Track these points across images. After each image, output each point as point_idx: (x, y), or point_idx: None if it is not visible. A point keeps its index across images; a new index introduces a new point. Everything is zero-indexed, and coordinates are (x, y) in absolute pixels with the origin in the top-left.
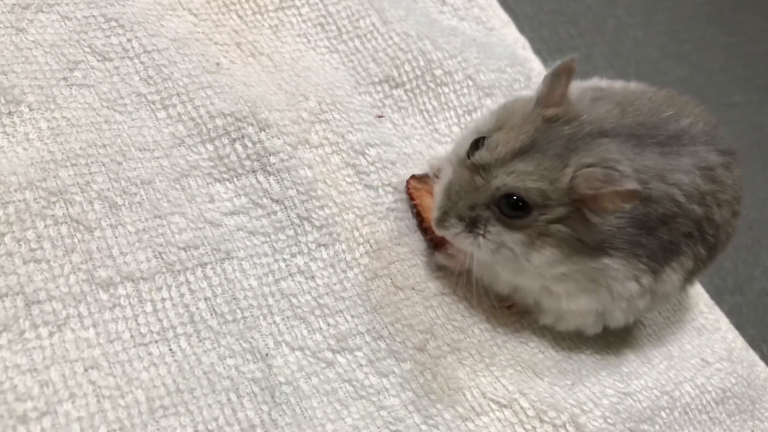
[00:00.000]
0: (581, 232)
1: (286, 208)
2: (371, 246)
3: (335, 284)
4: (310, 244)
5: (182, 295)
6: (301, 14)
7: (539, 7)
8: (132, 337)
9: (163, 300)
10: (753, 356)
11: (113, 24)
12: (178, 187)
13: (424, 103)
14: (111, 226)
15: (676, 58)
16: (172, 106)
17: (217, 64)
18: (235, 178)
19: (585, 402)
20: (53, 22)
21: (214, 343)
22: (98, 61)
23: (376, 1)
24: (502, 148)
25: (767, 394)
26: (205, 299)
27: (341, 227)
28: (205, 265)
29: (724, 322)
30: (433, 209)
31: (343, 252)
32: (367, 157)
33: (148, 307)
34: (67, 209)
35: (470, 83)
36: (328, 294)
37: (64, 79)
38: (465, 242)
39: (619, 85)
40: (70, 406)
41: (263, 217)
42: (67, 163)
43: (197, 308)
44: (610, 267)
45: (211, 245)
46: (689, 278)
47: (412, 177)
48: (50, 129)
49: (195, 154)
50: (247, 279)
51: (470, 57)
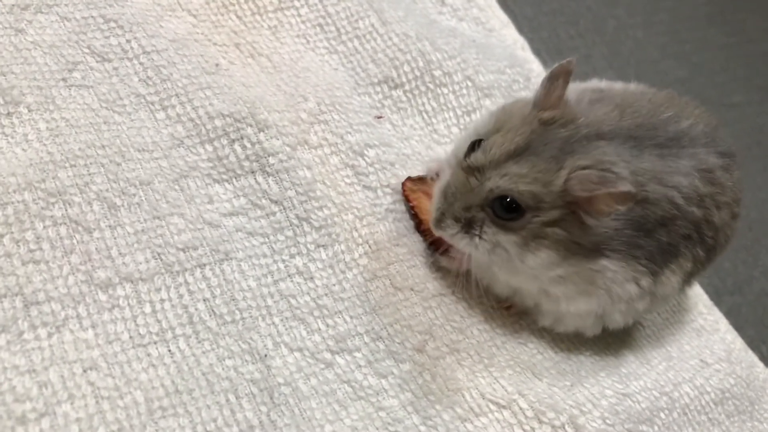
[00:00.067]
0: (577, 235)
1: (285, 208)
2: (370, 247)
3: (334, 285)
4: (309, 245)
5: (181, 296)
6: (300, 15)
7: (539, 7)
8: (131, 338)
9: (162, 301)
10: (752, 357)
11: (112, 25)
12: (177, 187)
13: (423, 104)
14: (110, 227)
15: (677, 59)
16: (171, 107)
17: (216, 65)
18: (234, 179)
19: (584, 403)
20: (52, 22)
21: (213, 344)
22: (97, 62)
23: (375, 2)
24: (496, 150)
25: (766, 395)
26: (204, 300)
27: (340, 228)
28: (204, 266)
29: (723, 323)
30: (431, 210)
31: (342, 253)
32: (366, 158)
33: (147, 308)
34: (66, 210)
35: (469, 84)
36: (327, 295)
37: (63, 80)
38: (461, 243)
39: (619, 87)
40: (69, 407)
41: (262, 218)
42: (66, 164)
43: (196, 309)
44: (608, 269)
45: (210, 246)
46: (688, 280)
47: (408, 179)
48: (49, 130)
49: (194, 155)
50: (246, 280)
51: (469, 58)
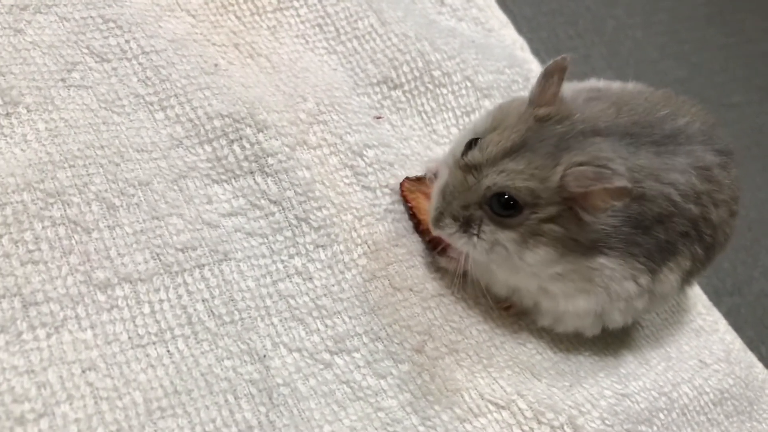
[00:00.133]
0: (574, 231)
1: (284, 209)
2: (369, 247)
3: (333, 285)
4: (308, 245)
5: (180, 297)
6: (299, 15)
7: (538, 8)
8: (130, 338)
9: (161, 301)
10: (751, 357)
11: (111, 25)
12: (176, 188)
13: (423, 104)
14: (109, 227)
15: (676, 59)
16: (170, 107)
17: (215, 65)
18: (233, 180)
19: (583, 403)
20: (51, 23)
21: (212, 345)
22: (96, 62)
23: (375, 2)
24: (492, 148)
25: (765, 396)
26: (203, 300)
27: (339, 228)
28: (203, 266)
29: (723, 324)
30: (430, 210)
31: (341, 253)
32: (365, 159)
33: (146, 309)
34: (65, 210)
35: (468, 84)
36: (326, 295)
37: (62, 80)
38: (460, 242)
39: (617, 86)
40: (68, 408)
41: (261, 219)
42: (65, 165)
43: (195, 309)
44: (606, 266)
45: (209, 246)
46: (687, 279)
47: (406, 179)
48: (48, 130)
49: (193, 156)
50: (244, 280)
51: (469, 58)
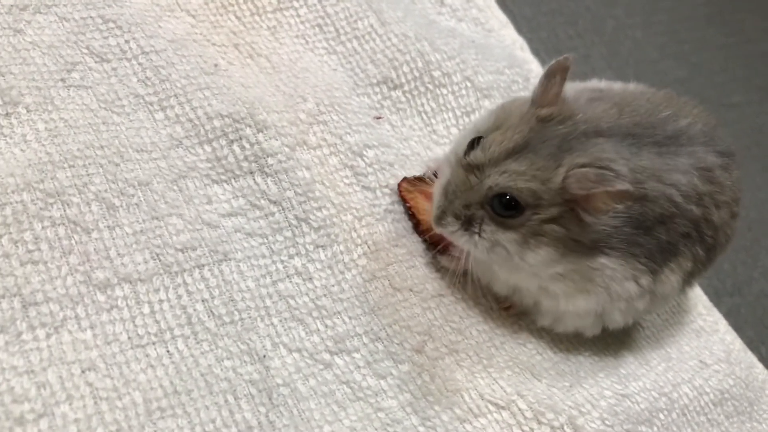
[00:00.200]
0: (575, 232)
1: (283, 209)
2: (369, 247)
3: (333, 286)
4: (307, 246)
5: (180, 297)
6: (299, 15)
7: (538, 8)
8: (129, 338)
9: (161, 302)
10: (751, 358)
11: (111, 25)
12: (175, 188)
13: (423, 105)
14: (108, 227)
15: (676, 59)
16: (169, 108)
17: (215, 66)
18: (233, 180)
19: (583, 404)
20: (51, 23)
21: (212, 345)
22: (96, 63)
23: (375, 3)
24: (495, 148)
25: (765, 396)
26: (203, 301)
27: (339, 228)
28: (203, 266)
29: (723, 324)
30: (432, 208)
31: (341, 253)
32: (365, 159)
33: (146, 309)
34: (65, 211)
35: (468, 84)
36: (326, 295)
37: (62, 80)
38: (461, 240)
39: (618, 86)
40: (68, 408)
41: (261, 219)
42: (65, 165)
43: (195, 310)
44: (607, 267)
45: (209, 247)
46: (688, 280)
47: (404, 179)
48: (48, 130)
49: (193, 156)
50: (244, 280)
51: (468, 58)
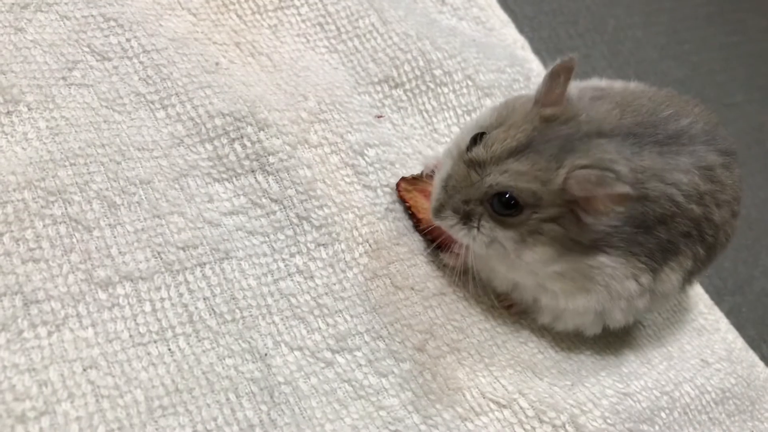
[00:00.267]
0: (574, 232)
1: (285, 207)
2: (370, 246)
3: (334, 284)
4: (309, 244)
5: (181, 295)
6: (300, 14)
7: (539, 7)
8: (131, 336)
9: (162, 300)
10: (753, 357)
11: (112, 24)
12: (177, 186)
13: (424, 103)
14: (110, 225)
15: (676, 58)
16: (171, 106)
17: (216, 64)
18: (234, 178)
19: (584, 402)
20: (52, 21)
21: (213, 343)
22: (97, 61)
23: (376, 1)
24: (497, 146)
25: (767, 395)
26: (204, 299)
27: (340, 227)
28: (204, 264)
29: (724, 323)
30: (431, 200)
31: (343, 252)
32: (366, 158)
33: (147, 307)
34: (66, 209)
35: (469, 83)
36: (327, 294)
37: (63, 78)
38: (460, 234)
39: (619, 85)
40: (69, 406)
41: (262, 217)
42: (66, 163)
43: (196, 308)
44: (607, 265)
45: (210, 245)
46: (688, 279)
47: (402, 179)
48: (49, 128)
49: (194, 154)
50: (246, 279)
51: (470, 57)
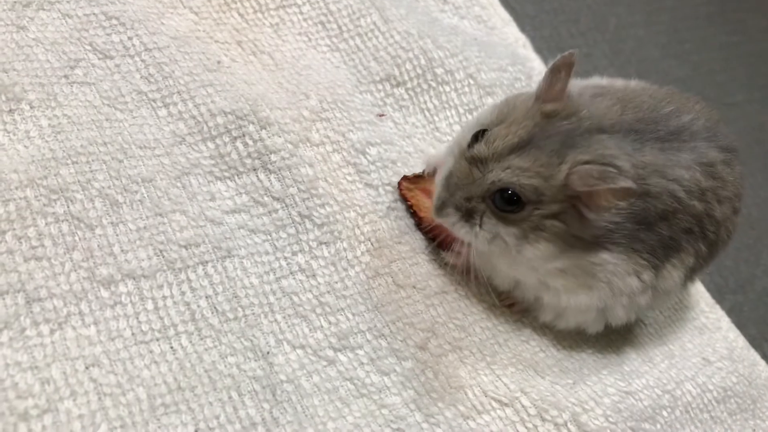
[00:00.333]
0: (577, 228)
1: (287, 206)
2: (372, 244)
3: (336, 282)
4: (311, 242)
5: (183, 293)
6: (302, 12)
7: (540, 6)
8: (133, 334)
9: (164, 298)
10: (754, 355)
11: (114, 22)
12: (179, 185)
13: (425, 102)
14: (112, 223)
15: (677, 58)
16: (173, 104)
17: (218, 63)
18: (236, 176)
19: (586, 401)
20: (54, 19)
21: (216, 341)
22: (99, 59)
23: (377, 0)
24: (499, 143)
25: None
26: (206, 297)
27: (342, 225)
28: (206, 263)
29: (726, 321)
30: (433, 197)
31: (345, 250)
32: (367, 156)
33: (149, 305)
34: (68, 207)
35: (471, 82)
36: (329, 292)
37: (65, 76)
38: (462, 231)
39: (620, 83)
40: (71, 404)
41: (264, 216)
42: (68, 161)
43: (198, 306)
44: (608, 262)
45: (212, 243)
46: (690, 275)
47: (404, 178)
48: (51, 127)
49: (196, 152)
50: (248, 277)
51: (471, 56)
